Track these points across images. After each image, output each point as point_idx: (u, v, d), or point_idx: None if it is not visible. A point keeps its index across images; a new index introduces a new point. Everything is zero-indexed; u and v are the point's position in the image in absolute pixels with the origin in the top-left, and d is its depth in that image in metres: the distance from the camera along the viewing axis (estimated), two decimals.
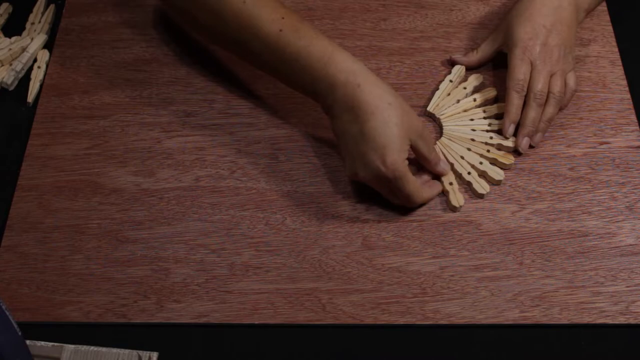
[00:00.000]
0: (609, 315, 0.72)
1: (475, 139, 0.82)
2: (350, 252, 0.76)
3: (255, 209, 0.79)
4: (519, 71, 0.80)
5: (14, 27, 0.94)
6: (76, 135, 0.85)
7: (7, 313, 0.61)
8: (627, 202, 0.79)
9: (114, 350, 0.71)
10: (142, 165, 0.82)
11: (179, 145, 0.84)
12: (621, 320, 0.72)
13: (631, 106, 0.86)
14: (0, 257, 0.77)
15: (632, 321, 0.72)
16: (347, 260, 0.76)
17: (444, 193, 0.79)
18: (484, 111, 0.84)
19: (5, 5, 0.95)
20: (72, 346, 0.71)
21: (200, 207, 0.79)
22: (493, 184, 0.79)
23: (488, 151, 0.81)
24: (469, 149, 0.81)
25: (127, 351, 0.71)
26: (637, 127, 0.84)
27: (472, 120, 0.83)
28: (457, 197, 0.78)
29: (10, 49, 0.90)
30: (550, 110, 0.81)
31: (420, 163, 0.79)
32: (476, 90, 0.86)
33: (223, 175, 0.81)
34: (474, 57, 0.88)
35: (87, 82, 0.89)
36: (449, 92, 0.86)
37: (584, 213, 0.78)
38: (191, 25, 0.87)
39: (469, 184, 0.79)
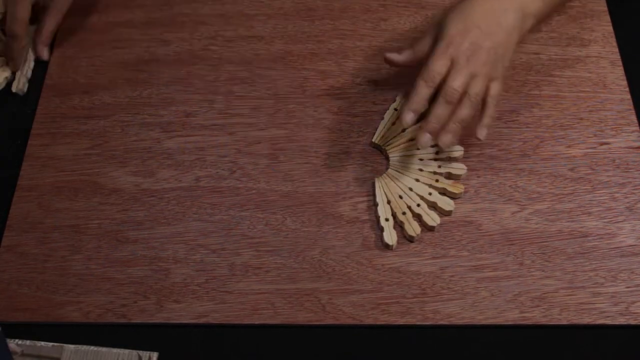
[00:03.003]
0: (609, 316, 0.72)
1: (423, 169, 0.80)
2: (350, 253, 0.76)
3: (255, 209, 0.79)
4: (436, 63, 0.76)
5: None
6: (76, 135, 0.85)
7: None
8: (627, 202, 0.79)
9: (114, 350, 0.71)
10: (142, 165, 0.82)
11: (179, 145, 0.84)
12: (621, 321, 0.72)
13: (631, 107, 0.86)
14: (0, 257, 0.77)
15: (632, 322, 0.72)
16: (347, 260, 0.76)
17: (398, 224, 0.77)
18: (437, 153, 0.82)
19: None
20: (72, 346, 0.71)
21: (200, 207, 0.79)
22: (444, 215, 0.78)
23: (437, 181, 0.79)
24: (417, 180, 0.79)
25: (127, 351, 0.71)
26: (638, 128, 0.84)
27: (418, 149, 0.81)
28: (412, 227, 0.76)
29: None
30: (463, 111, 0.75)
31: None
32: (422, 117, 0.84)
33: (223, 175, 0.81)
34: (408, 55, 0.81)
35: (87, 82, 0.89)
36: (393, 121, 0.84)
37: (584, 214, 0.78)
38: None
39: (419, 216, 0.77)
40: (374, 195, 0.79)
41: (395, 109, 0.84)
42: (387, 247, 0.76)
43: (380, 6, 0.94)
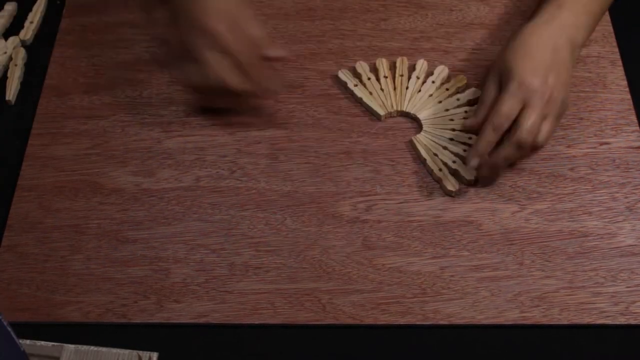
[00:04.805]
0: (609, 316, 0.72)
1: (456, 128, 0.82)
2: (350, 252, 0.76)
3: (255, 209, 0.79)
4: (507, 105, 0.75)
5: (14, 26, 0.94)
6: (76, 135, 0.85)
7: (9, 329, 0.59)
8: (628, 202, 0.79)
9: (114, 350, 0.71)
10: (142, 165, 0.82)
11: (179, 145, 0.84)
12: (621, 320, 0.72)
13: (631, 106, 0.86)
14: (0, 257, 0.77)
15: (632, 322, 0.72)
16: (347, 260, 0.76)
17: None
18: (466, 112, 0.83)
19: (10, 6, 0.95)
20: (72, 346, 0.71)
21: (200, 207, 0.79)
22: (464, 184, 0.79)
23: (465, 150, 0.80)
24: (451, 139, 0.82)
25: (127, 351, 0.71)
26: (637, 128, 0.84)
27: (452, 120, 0.83)
28: (451, 181, 0.78)
29: (5, 52, 0.90)
30: (515, 151, 0.76)
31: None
32: (459, 91, 0.86)
33: (223, 175, 0.81)
34: (482, 110, 0.78)
35: (87, 82, 0.89)
36: (431, 93, 0.85)
37: (584, 213, 0.78)
38: None
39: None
40: (416, 153, 0.81)
41: (433, 82, 0.86)
42: (449, 194, 0.78)
43: (380, 6, 0.94)
